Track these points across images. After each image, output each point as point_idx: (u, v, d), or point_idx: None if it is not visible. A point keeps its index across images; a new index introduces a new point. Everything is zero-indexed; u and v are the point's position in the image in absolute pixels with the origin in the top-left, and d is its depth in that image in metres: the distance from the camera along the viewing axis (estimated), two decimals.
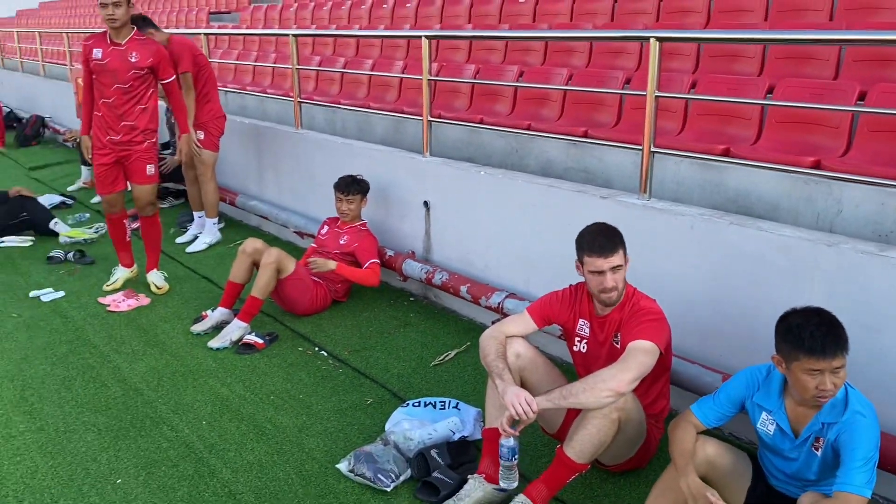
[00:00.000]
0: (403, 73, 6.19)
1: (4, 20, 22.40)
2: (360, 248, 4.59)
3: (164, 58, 4.71)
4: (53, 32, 12.86)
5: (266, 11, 10.76)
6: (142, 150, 4.75)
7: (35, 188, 7.93)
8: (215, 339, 4.16)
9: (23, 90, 12.68)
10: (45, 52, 12.56)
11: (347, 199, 4.66)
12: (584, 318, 2.90)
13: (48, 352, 4.06)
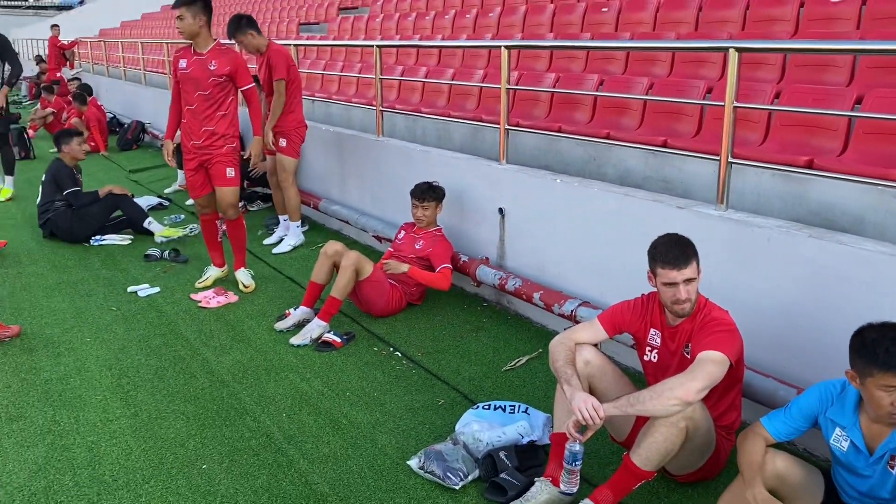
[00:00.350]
0: (483, 83, 6.28)
1: (109, 31, 23.73)
2: (435, 253, 4.70)
3: (241, 65, 4.89)
4: (154, 43, 13.55)
5: (353, 22, 11.07)
6: (221, 154, 4.98)
7: (134, 189, 8.42)
8: (296, 337, 4.35)
9: (125, 97, 13.45)
10: (147, 61, 13.28)
11: (423, 205, 4.77)
12: (655, 327, 2.91)
13: (143, 343, 4.33)
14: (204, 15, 4.84)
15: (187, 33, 4.84)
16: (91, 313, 4.77)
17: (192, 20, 4.79)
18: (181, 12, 4.76)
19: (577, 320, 3.90)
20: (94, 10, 28.04)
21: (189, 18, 4.78)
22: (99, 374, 3.91)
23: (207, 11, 4.87)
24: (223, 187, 5.04)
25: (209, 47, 4.87)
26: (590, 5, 7.28)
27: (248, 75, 4.94)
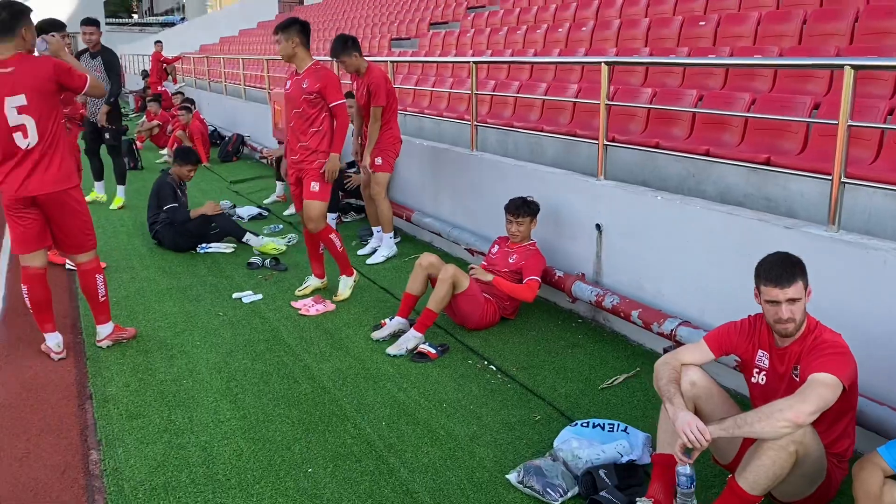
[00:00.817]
0: (581, 99, 6.27)
1: (209, 46, 24.82)
2: (527, 266, 4.72)
3: (330, 83, 5.03)
4: (255, 59, 14.10)
5: (444, 37, 11.26)
6: (311, 168, 5.15)
7: (235, 199, 8.80)
8: (393, 347, 4.45)
9: (226, 111, 14.06)
10: (247, 76, 13.84)
11: (517, 220, 4.81)
12: (763, 349, 2.85)
13: (249, 348, 4.53)
14: (297, 37, 5.06)
15: (284, 56, 5.11)
16: (200, 318, 5.01)
17: (287, 43, 5.06)
18: (278, 37, 5.05)
19: (677, 339, 3.85)
20: (195, 27, 29.43)
21: (284, 41, 5.06)
22: (209, 377, 4.11)
23: (301, 34, 5.09)
24: (307, 200, 5.22)
25: (306, 67, 5.08)
26: (686, 19, 7.18)
27: (338, 92, 5.06)
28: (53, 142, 4.05)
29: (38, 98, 3.96)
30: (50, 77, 3.98)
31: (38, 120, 3.97)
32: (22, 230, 4.12)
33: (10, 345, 4.60)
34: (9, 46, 3.94)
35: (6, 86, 3.90)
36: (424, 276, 4.72)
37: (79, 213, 4.23)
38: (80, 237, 4.28)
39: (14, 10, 3.97)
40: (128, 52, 29.21)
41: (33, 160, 4.00)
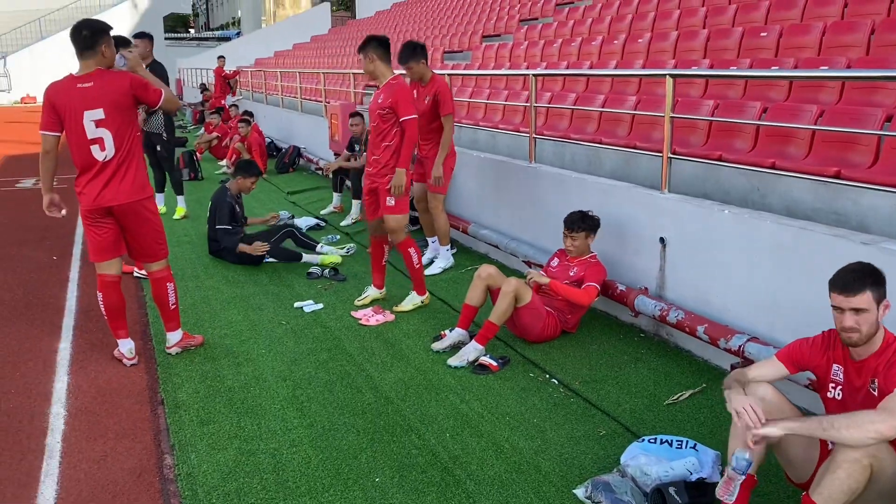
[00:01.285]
0: (642, 111, 6.23)
1: (264, 60, 25.35)
2: (587, 275, 4.69)
3: (402, 98, 5.07)
4: (311, 72, 14.35)
5: (497, 50, 11.30)
6: (383, 183, 5.24)
7: (293, 210, 8.95)
8: (454, 358, 4.47)
9: (282, 123, 14.32)
10: (303, 89, 14.09)
11: (571, 235, 4.78)
12: (838, 363, 2.80)
13: (312, 357, 4.59)
14: (374, 53, 5.15)
15: (367, 73, 5.23)
16: (263, 326, 5.11)
17: (366, 60, 5.19)
18: (361, 56, 5.19)
19: (745, 356, 3.79)
20: (250, 41, 30.12)
21: (364, 59, 5.20)
22: (275, 385, 4.19)
23: (378, 49, 5.16)
24: (385, 214, 5.31)
25: (384, 82, 5.18)
26: (747, 30, 7.08)
27: (409, 107, 5.10)
28: (129, 154, 4.20)
29: (116, 112, 4.10)
30: (127, 92, 4.12)
31: (114, 133, 4.12)
32: (98, 239, 4.27)
33: (85, 351, 4.76)
34: (90, 63, 4.11)
35: (86, 100, 4.06)
36: (484, 287, 4.73)
37: (152, 223, 4.37)
38: (153, 246, 4.42)
39: (95, 28, 4.13)
40: (186, 66, 30.03)
41: (110, 172, 4.15)
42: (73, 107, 4.06)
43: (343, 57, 18.01)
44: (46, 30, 37.63)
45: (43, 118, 4.16)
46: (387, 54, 5.23)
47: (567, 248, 4.84)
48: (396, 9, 25.00)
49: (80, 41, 4.09)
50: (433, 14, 19.42)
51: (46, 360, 4.59)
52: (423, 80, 5.99)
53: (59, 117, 4.10)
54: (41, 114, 4.18)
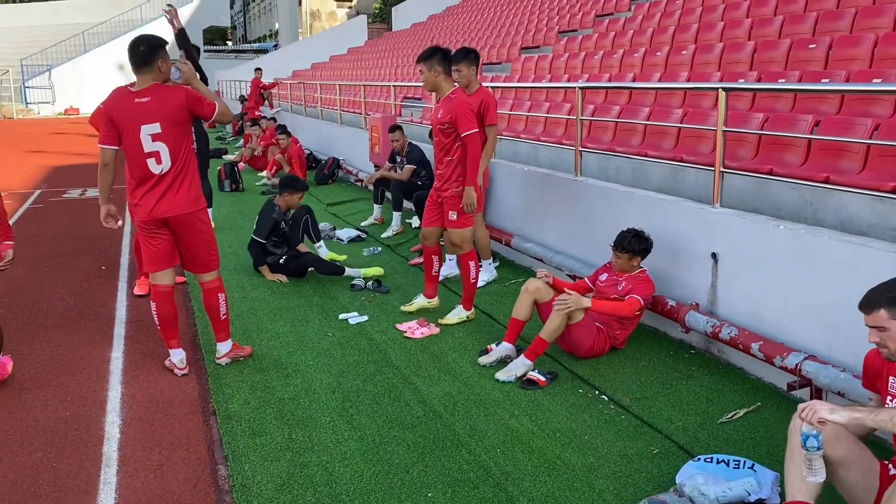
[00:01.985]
0: (695, 125, 6.15)
1: (301, 72, 25.66)
2: (634, 289, 4.64)
3: (462, 113, 5.03)
4: (351, 85, 14.49)
5: (537, 61, 11.30)
6: (447, 197, 5.28)
7: (333, 222, 9.01)
8: (502, 372, 4.44)
9: (321, 135, 14.45)
10: (343, 101, 14.22)
11: (617, 254, 4.73)
12: (893, 375, 2.77)
13: (359, 369, 4.61)
14: (439, 66, 5.14)
15: (427, 86, 5.23)
16: (310, 338, 5.14)
17: (429, 73, 5.16)
18: (420, 67, 5.18)
19: (803, 374, 3.71)
20: (287, 53, 30.52)
21: (426, 72, 5.16)
22: (324, 396, 4.21)
23: (443, 62, 5.16)
24: (448, 228, 5.37)
25: (444, 96, 5.20)
26: (795, 42, 6.99)
27: (469, 122, 5.04)
28: (184, 167, 4.27)
29: (171, 126, 4.18)
30: (183, 106, 4.20)
31: (170, 146, 4.20)
32: (154, 250, 4.35)
33: (136, 360, 4.83)
34: (147, 78, 4.20)
35: (143, 114, 4.14)
36: (531, 301, 4.71)
37: (205, 234, 4.44)
38: (205, 257, 4.48)
39: (152, 44, 4.23)
40: (224, 78, 30.51)
41: (165, 184, 4.23)
42: (130, 121, 4.15)
43: (379, 69, 18.15)
44: (89, 43, 38.54)
45: (102, 132, 4.25)
46: (450, 68, 5.22)
47: (620, 267, 4.79)
48: (433, 21, 25.16)
49: (137, 56, 4.19)
50: (470, 26, 19.49)
51: (100, 369, 4.67)
52: (470, 88, 5.95)
53: (118, 131, 4.19)
54: (100, 128, 4.28)
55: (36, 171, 14.78)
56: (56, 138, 22.69)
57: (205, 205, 4.45)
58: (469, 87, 5.96)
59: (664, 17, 10.62)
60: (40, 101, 37.01)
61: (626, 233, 4.75)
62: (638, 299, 4.57)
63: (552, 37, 13.50)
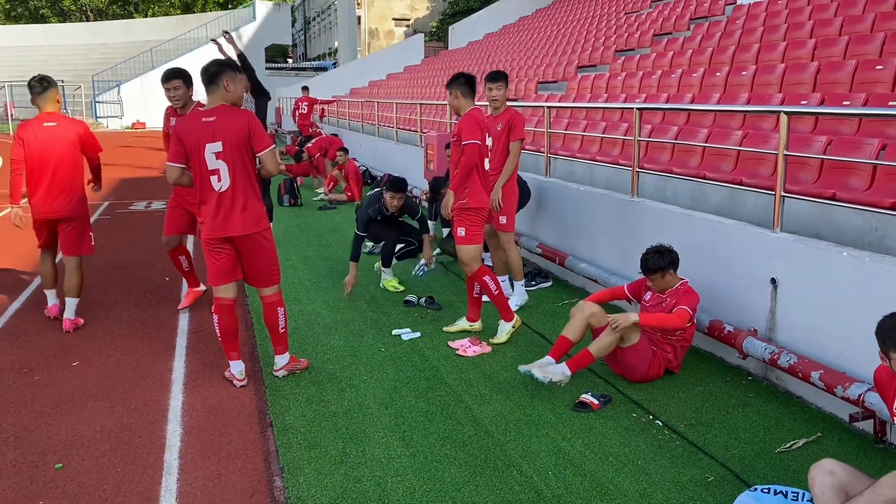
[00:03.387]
0: (756, 148, 6.07)
1: (359, 89, 26.09)
2: (679, 302, 4.56)
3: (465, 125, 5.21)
4: (408, 103, 14.68)
5: (593, 80, 11.27)
6: (456, 211, 5.39)
7: None
8: (535, 367, 4.41)
9: (377, 152, 14.67)
10: (399, 119, 14.42)
11: (651, 278, 4.68)
12: None
13: (412, 386, 4.66)
14: (458, 90, 5.38)
15: (453, 108, 5.50)
16: (364, 352, 5.22)
17: (450, 97, 5.45)
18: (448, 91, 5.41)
19: (866, 405, 3.62)
20: (346, 71, 31.09)
21: (450, 96, 5.44)
22: (378, 412, 4.26)
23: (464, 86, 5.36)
24: (457, 245, 5.47)
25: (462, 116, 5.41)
26: (861, 63, 6.84)
27: (470, 133, 5.18)
28: (244, 186, 4.40)
29: (233, 146, 4.34)
30: (244, 129, 4.36)
31: (230, 165, 4.35)
32: (217, 265, 4.50)
33: (197, 371, 4.98)
34: (215, 97, 4.38)
35: (208, 133, 4.31)
36: (584, 324, 4.69)
37: (268, 251, 4.58)
38: (267, 272, 4.62)
39: (219, 64, 4.45)
40: (285, 95, 31.20)
41: (227, 203, 4.38)
42: (196, 140, 4.33)
43: (435, 87, 18.34)
44: (157, 59, 39.92)
45: (171, 149, 4.44)
46: (471, 91, 5.42)
47: (650, 286, 4.75)
48: (489, 39, 25.34)
49: (205, 77, 4.39)
50: (526, 44, 19.57)
51: (163, 379, 4.82)
52: (498, 110, 6.16)
53: (185, 150, 4.37)
54: (169, 145, 4.46)
55: (104, 183, 15.30)
56: (123, 151, 23.55)
57: (268, 225, 4.59)
58: (500, 108, 6.14)
59: (724, 37, 10.50)
60: (109, 115, 38.47)
61: (648, 254, 4.71)
62: (686, 309, 4.49)
63: (609, 56, 13.46)
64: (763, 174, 6.12)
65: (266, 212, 4.61)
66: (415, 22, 54.50)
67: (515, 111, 6.12)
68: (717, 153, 6.73)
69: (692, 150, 7.04)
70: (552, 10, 24.89)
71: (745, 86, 7.99)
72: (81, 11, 62.32)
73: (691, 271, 5.18)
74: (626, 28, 15.64)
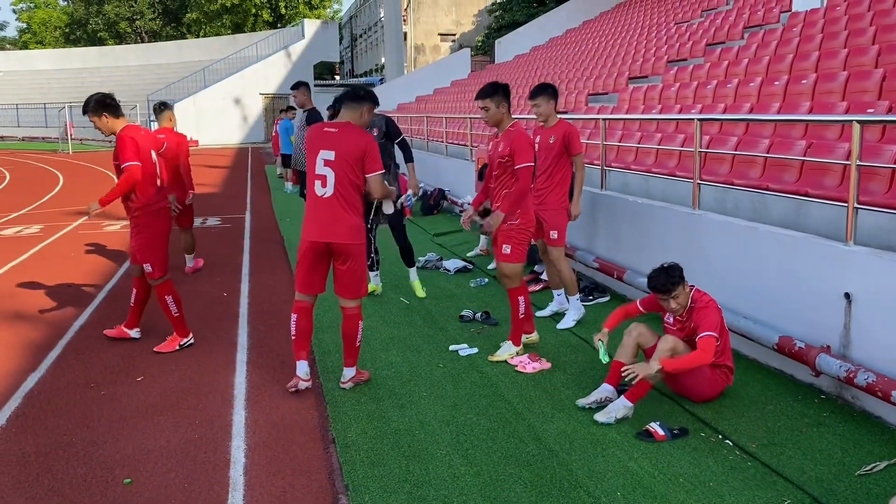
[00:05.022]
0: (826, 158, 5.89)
1: (406, 105, 26.25)
2: (700, 323, 4.32)
3: (520, 146, 5.07)
4: (458, 118, 14.71)
5: (645, 91, 11.13)
6: (501, 230, 5.30)
7: (440, 252, 9.12)
8: (601, 414, 4.30)
9: (427, 166, 14.66)
10: (449, 134, 14.45)
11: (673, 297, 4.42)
12: None
13: (472, 403, 4.61)
14: (506, 102, 5.27)
15: (492, 121, 5.30)
16: (422, 368, 5.20)
17: (497, 109, 5.24)
18: (484, 103, 5.23)
19: None
20: (392, 87, 31.33)
21: (493, 108, 5.24)
22: (439, 429, 4.23)
23: (506, 98, 5.28)
24: (499, 261, 5.41)
25: (504, 130, 5.28)
26: None
27: (525, 155, 5.09)
28: (347, 198, 4.57)
29: (344, 158, 4.54)
30: (361, 148, 4.56)
31: (337, 174, 4.54)
32: (307, 275, 4.70)
33: (258, 386, 5.01)
34: (349, 114, 4.67)
35: (326, 141, 4.58)
36: (634, 345, 4.58)
37: (360, 264, 4.72)
38: (356, 284, 4.75)
39: (368, 92, 4.74)
40: None
41: (328, 210, 4.54)
42: (315, 145, 4.59)
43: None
44: (209, 79, 40.86)
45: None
46: (509, 104, 5.32)
47: (673, 310, 4.49)
48: (536, 52, 25.29)
49: (350, 94, 4.70)
50: (574, 57, 19.46)
51: (225, 394, 4.87)
52: (548, 122, 6.10)
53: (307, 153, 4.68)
54: None
55: None
56: None
57: (363, 239, 4.70)
58: (548, 120, 6.07)
59: (781, 45, 10.27)
60: None
61: (655, 277, 4.43)
62: (710, 336, 4.20)
63: (661, 66, 13.29)
64: (829, 185, 5.93)
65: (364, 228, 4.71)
66: (460, 37, 54.82)
67: (570, 124, 6.06)
68: (778, 164, 6.56)
69: (752, 160, 6.87)
70: (600, 22, 24.74)
71: (805, 94, 7.79)
72: (136, 33, 64.44)
73: (757, 285, 5.05)
74: (676, 38, 15.43)
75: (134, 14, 63.35)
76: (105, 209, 5.72)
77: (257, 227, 10.81)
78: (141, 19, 63.48)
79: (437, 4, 55.33)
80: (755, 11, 14.38)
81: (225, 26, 57.22)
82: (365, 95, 4.69)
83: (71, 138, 36.02)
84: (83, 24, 66.30)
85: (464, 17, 55.87)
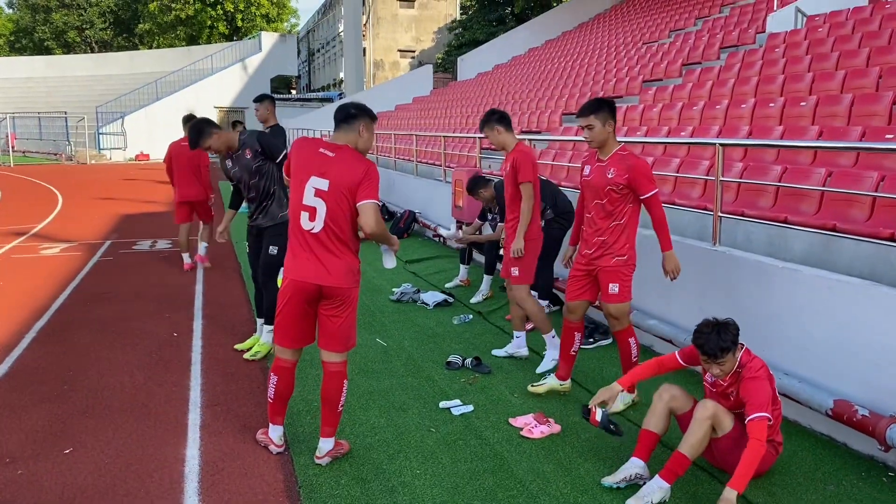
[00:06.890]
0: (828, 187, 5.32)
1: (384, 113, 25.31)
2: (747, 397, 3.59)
3: (641, 173, 4.46)
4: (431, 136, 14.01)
5: (625, 112, 10.58)
6: (608, 267, 4.67)
7: (414, 282, 8.34)
8: (634, 499, 3.58)
9: (394, 186, 13.87)
10: (420, 152, 13.71)
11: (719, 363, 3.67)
12: None
13: (475, 482, 3.83)
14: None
15: (596, 142, 4.58)
16: (411, 434, 4.41)
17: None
18: (590, 121, 4.52)
19: None
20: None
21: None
22: None
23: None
24: (607, 303, 4.72)
25: (612, 153, 4.58)
26: None
27: (652, 183, 4.49)
28: (339, 236, 3.83)
29: (338, 190, 3.79)
30: (359, 177, 3.81)
31: (329, 208, 3.80)
32: (291, 323, 3.97)
33: (215, 461, 4.13)
34: (345, 137, 3.92)
35: (320, 166, 3.83)
36: (666, 411, 3.86)
37: (351, 311, 3.99)
38: (345, 335, 4.01)
39: (359, 108, 3.97)
40: (292, 126, 30.65)
41: (318, 246, 3.82)
42: (305, 168, 3.86)
43: (448, 118, 17.69)
44: (161, 91, 39.49)
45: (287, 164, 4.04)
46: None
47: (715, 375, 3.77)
48: (498, 70, 24.83)
49: (343, 115, 3.95)
50: (539, 76, 18.98)
51: (173, 473, 3.98)
52: (507, 148, 5.44)
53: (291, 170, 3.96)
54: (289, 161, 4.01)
55: (107, 219, 14.59)
56: (127, 184, 22.85)
57: (358, 283, 3.99)
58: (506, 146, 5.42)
59: (766, 66, 9.84)
60: (112, 146, 37.91)
61: (705, 335, 3.64)
62: (762, 418, 3.47)
63: (636, 86, 12.86)
64: (855, 218, 5.37)
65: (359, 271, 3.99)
66: (420, 53, 54.39)
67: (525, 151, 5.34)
68: (793, 193, 5.98)
69: (764, 189, 6.29)
70: (563, 41, 24.43)
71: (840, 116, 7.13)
72: (86, 43, 62.39)
73: (801, 338, 4.40)
74: (649, 58, 15.04)
75: (83, 23, 61.33)
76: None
77: (212, 252, 9.85)
78: (91, 29, 61.47)
79: (396, 20, 54.80)
80: (729, 32, 14.07)
81: (179, 38, 55.65)
82: (356, 113, 3.94)
83: (13, 150, 34.28)
84: (29, 33, 63.94)
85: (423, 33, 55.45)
